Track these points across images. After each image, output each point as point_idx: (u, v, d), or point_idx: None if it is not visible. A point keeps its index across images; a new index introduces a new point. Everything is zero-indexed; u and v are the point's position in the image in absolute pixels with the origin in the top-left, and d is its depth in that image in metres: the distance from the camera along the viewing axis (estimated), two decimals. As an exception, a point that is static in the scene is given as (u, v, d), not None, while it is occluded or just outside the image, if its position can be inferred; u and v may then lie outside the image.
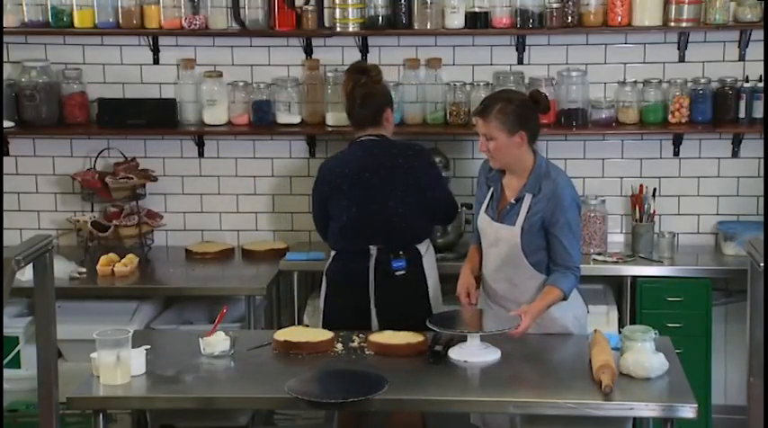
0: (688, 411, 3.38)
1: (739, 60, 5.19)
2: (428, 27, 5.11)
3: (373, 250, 4.31)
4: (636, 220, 5.17)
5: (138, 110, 5.26)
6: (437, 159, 5.08)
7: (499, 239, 4.05)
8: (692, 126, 5.14)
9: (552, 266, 4.01)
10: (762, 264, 3.08)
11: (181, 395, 3.58)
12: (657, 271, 4.96)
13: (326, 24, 5.22)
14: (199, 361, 3.79)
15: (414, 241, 4.37)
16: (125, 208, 5.28)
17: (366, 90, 4.41)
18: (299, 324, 4.84)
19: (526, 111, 4.00)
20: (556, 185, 3.97)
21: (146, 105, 5.29)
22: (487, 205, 4.12)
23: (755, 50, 5.12)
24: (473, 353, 3.75)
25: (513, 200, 4.03)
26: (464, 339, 3.80)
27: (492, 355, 3.76)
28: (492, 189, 4.12)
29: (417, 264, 4.35)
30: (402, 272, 4.31)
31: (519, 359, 3.81)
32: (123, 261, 5.04)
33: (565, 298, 3.98)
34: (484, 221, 4.12)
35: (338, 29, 5.15)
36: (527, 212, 3.98)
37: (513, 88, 4.92)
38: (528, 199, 3.99)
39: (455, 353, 3.76)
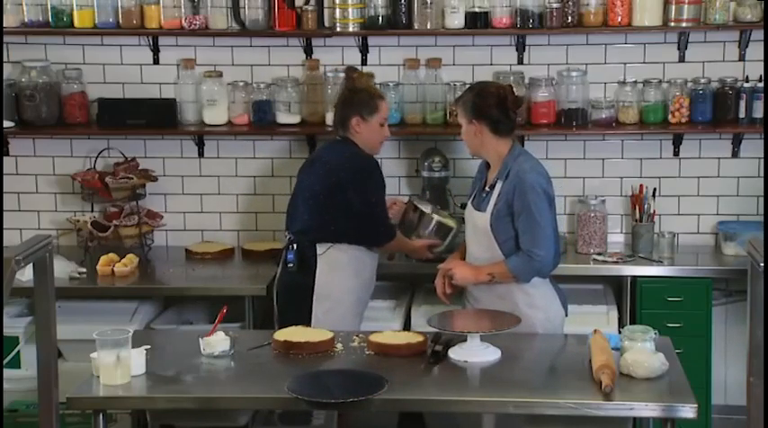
0: (688, 411, 3.38)
1: (739, 60, 5.19)
2: (428, 27, 5.11)
3: (287, 237, 4.50)
4: (636, 220, 5.17)
5: (138, 110, 5.26)
6: (436, 159, 5.09)
7: (475, 226, 4.19)
8: (692, 126, 5.14)
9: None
10: (762, 264, 3.08)
11: (181, 395, 3.58)
12: (657, 271, 4.97)
13: (326, 24, 5.23)
14: (199, 361, 3.79)
15: (313, 239, 4.42)
16: (125, 208, 5.28)
17: (339, 97, 4.55)
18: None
19: (484, 102, 4.12)
20: (519, 170, 4.08)
21: (146, 105, 5.29)
22: (473, 196, 4.26)
23: (755, 50, 5.12)
24: (473, 353, 3.75)
25: (487, 188, 4.17)
26: (464, 339, 3.80)
27: (492, 355, 3.76)
28: (477, 182, 4.30)
29: (309, 263, 4.42)
30: (291, 265, 4.43)
31: (519, 359, 3.81)
32: (123, 261, 5.04)
33: (516, 280, 4.07)
34: (467, 211, 4.28)
35: (338, 29, 5.16)
36: (496, 198, 4.09)
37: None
38: (499, 185, 4.11)
39: (455, 353, 3.76)
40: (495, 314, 4.02)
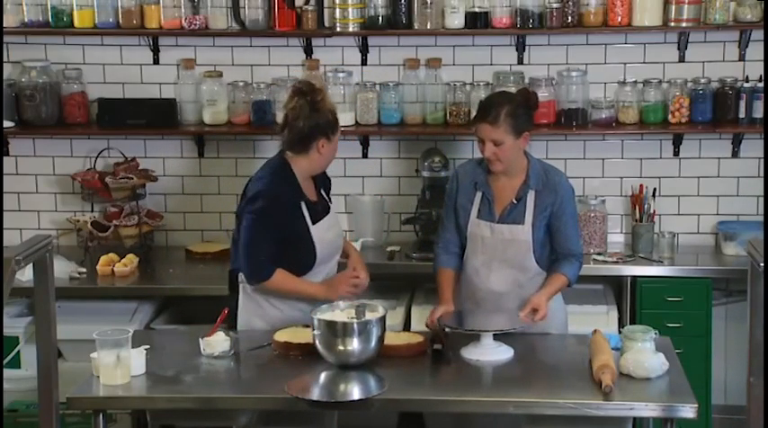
0: (688, 411, 3.38)
1: (739, 60, 5.19)
2: (428, 27, 5.11)
3: None
4: (636, 220, 5.17)
5: (138, 110, 5.26)
6: (436, 159, 5.08)
7: (506, 240, 4.05)
8: (692, 126, 5.14)
9: (558, 255, 4.07)
10: (762, 264, 3.08)
11: (181, 395, 3.58)
12: (657, 271, 4.97)
13: (326, 24, 5.23)
14: (199, 361, 3.79)
15: (236, 268, 4.13)
16: (125, 208, 5.28)
17: (299, 115, 3.97)
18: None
19: (528, 110, 4.05)
20: (557, 177, 4.06)
21: (146, 105, 5.29)
22: (479, 210, 4.09)
23: (755, 50, 5.12)
24: (485, 352, 3.75)
25: (514, 200, 4.05)
26: (466, 339, 3.79)
27: (504, 354, 3.76)
28: (482, 193, 4.08)
29: (235, 290, 4.17)
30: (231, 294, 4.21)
31: (519, 359, 3.80)
32: (123, 261, 5.04)
33: (570, 285, 4.06)
34: (478, 226, 4.09)
35: (338, 29, 5.16)
36: (534, 209, 4.02)
37: (513, 88, 4.87)
38: (532, 195, 4.03)
39: (467, 352, 3.76)
40: (504, 313, 3.99)
